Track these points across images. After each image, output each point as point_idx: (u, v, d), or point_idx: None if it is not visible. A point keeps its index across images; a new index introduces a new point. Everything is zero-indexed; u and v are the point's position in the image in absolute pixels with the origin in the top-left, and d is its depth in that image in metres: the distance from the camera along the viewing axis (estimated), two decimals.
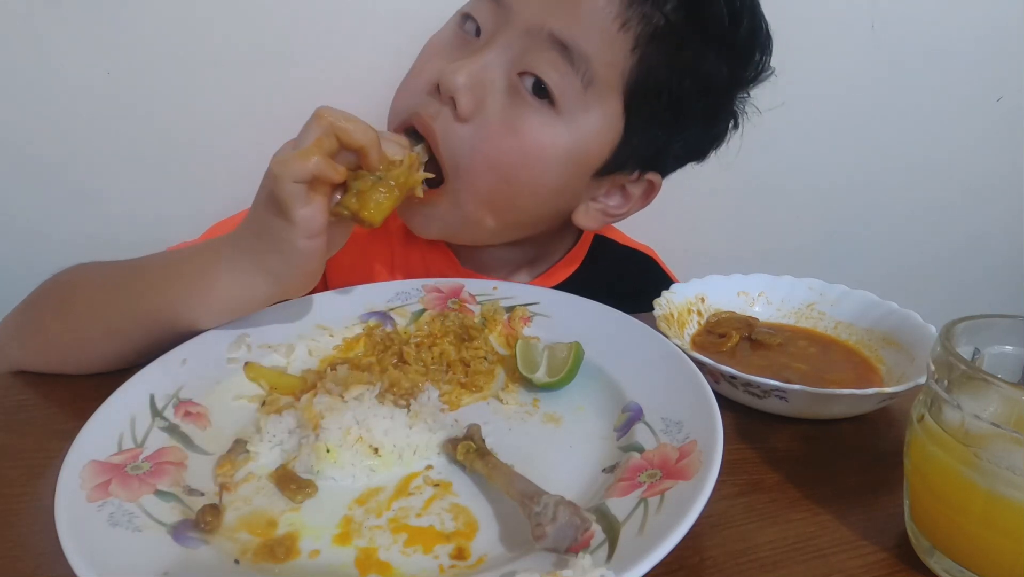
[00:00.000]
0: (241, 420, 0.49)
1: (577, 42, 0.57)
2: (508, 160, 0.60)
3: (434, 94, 0.60)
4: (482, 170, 0.61)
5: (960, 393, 0.35)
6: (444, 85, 0.58)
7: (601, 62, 0.58)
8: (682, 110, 0.63)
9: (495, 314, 0.61)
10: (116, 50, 0.83)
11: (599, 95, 0.60)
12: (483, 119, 0.59)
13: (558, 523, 0.35)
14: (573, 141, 0.61)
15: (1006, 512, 0.33)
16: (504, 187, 0.62)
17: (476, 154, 0.60)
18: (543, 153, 0.61)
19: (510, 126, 0.60)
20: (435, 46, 0.64)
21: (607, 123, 0.62)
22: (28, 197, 0.88)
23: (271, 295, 0.53)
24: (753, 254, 1.14)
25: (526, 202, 0.65)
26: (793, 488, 0.45)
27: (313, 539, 0.39)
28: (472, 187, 0.62)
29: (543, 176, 0.62)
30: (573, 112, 0.60)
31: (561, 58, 0.58)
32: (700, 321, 0.65)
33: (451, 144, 0.60)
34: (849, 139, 1.11)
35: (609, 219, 0.71)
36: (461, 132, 0.60)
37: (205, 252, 0.55)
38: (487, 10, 0.61)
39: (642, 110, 0.62)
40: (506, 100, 0.59)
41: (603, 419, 0.49)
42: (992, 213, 1.23)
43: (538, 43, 0.58)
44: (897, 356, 0.58)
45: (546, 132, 0.60)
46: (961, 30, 1.06)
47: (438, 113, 0.60)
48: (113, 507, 0.38)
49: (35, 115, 0.84)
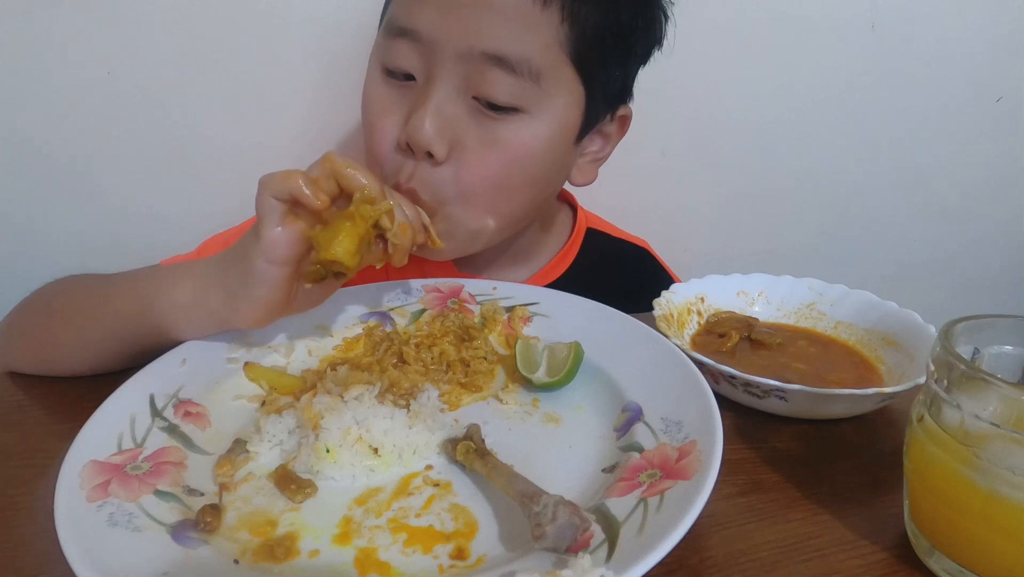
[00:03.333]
0: (241, 420, 0.49)
1: (511, 48, 0.57)
2: (498, 172, 0.61)
3: (403, 151, 0.60)
4: (473, 189, 0.61)
5: (960, 393, 0.35)
6: (415, 142, 0.58)
7: (539, 51, 0.58)
8: (626, 38, 0.63)
9: (495, 314, 0.61)
10: (116, 50, 0.83)
11: (552, 78, 0.60)
12: (461, 151, 0.59)
13: (558, 523, 0.35)
14: (549, 128, 0.62)
15: (1006, 512, 0.33)
16: (503, 194, 0.63)
17: (462, 179, 0.60)
18: (528, 152, 0.61)
19: (488, 143, 0.60)
20: (375, 105, 0.63)
21: (571, 95, 0.62)
22: (28, 197, 0.88)
23: (221, 314, 0.51)
24: (753, 254, 1.14)
25: (526, 196, 0.66)
26: (793, 488, 0.45)
27: (313, 539, 0.39)
28: (467, 203, 0.62)
29: (535, 169, 0.63)
30: (537, 106, 0.60)
31: (502, 71, 0.57)
32: (700, 321, 0.65)
33: (431, 186, 0.60)
34: (849, 139, 1.11)
35: (599, 163, 0.72)
36: (443, 173, 0.60)
37: (183, 263, 0.55)
38: (409, 52, 0.59)
39: (594, 64, 0.62)
40: (474, 123, 0.59)
41: (603, 419, 0.49)
42: (992, 213, 1.23)
43: (475, 65, 0.57)
44: (897, 356, 0.58)
45: (523, 133, 0.60)
46: (961, 30, 1.06)
47: (414, 170, 0.60)
48: (113, 507, 0.38)
49: (35, 115, 0.84)
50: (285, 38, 0.87)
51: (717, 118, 1.05)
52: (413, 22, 0.58)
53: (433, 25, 0.57)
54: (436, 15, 0.57)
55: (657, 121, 1.01)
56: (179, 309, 0.52)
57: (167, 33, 0.83)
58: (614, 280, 0.79)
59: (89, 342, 0.55)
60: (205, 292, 0.51)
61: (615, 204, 0.95)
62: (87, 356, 0.56)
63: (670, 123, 1.03)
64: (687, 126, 1.04)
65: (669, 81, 0.99)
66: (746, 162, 1.10)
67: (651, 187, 1.07)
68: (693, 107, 1.03)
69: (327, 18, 0.86)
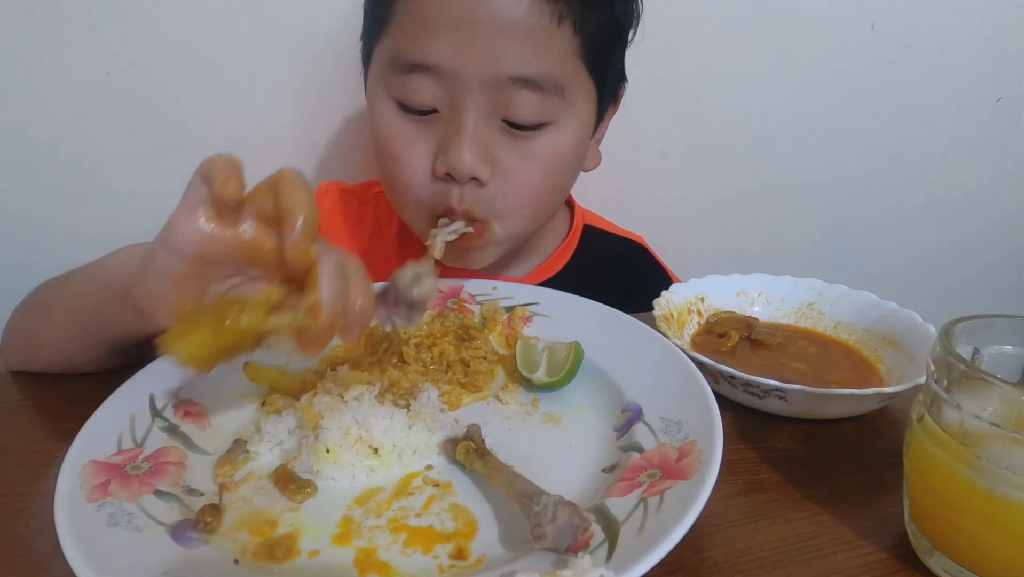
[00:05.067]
0: (241, 420, 0.49)
1: (535, 69, 0.58)
2: (539, 182, 0.64)
3: (441, 180, 0.61)
4: (524, 202, 0.64)
5: (960, 393, 0.35)
6: (460, 174, 0.59)
7: (559, 65, 0.59)
8: (621, 30, 0.65)
9: (495, 314, 0.61)
10: (116, 50, 0.83)
11: (573, 87, 0.61)
12: (502, 169, 0.61)
13: (558, 523, 0.35)
14: (576, 132, 0.64)
15: (1006, 512, 0.33)
16: (546, 199, 0.67)
17: (512, 195, 0.62)
18: (563, 159, 0.64)
19: (527, 158, 0.62)
20: (397, 139, 0.62)
21: (588, 97, 0.64)
22: (28, 197, 0.88)
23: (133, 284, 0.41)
24: (753, 254, 1.14)
25: (561, 195, 0.71)
26: (793, 488, 0.45)
27: (313, 539, 0.39)
28: (522, 216, 0.65)
29: (567, 172, 0.67)
30: (563, 116, 0.62)
31: (529, 91, 0.58)
32: (700, 321, 0.65)
33: (485, 204, 0.62)
34: (849, 139, 1.11)
35: (599, 143, 0.75)
36: (491, 192, 0.62)
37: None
38: (429, 85, 0.59)
39: (603, 61, 0.64)
40: (510, 143, 0.61)
41: (603, 419, 0.49)
42: (992, 213, 1.23)
43: (501, 90, 0.58)
44: (897, 356, 0.58)
45: (556, 144, 0.62)
46: (961, 30, 1.06)
47: (463, 195, 0.61)
48: (113, 507, 0.38)
49: (35, 115, 0.84)
50: (286, 38, 0.87)
51: (717, 117, 1.05)
52: (430, 56, 0.57)
53: (454, 58, 0.57)
54: (454, 47, 0.57)
55: (657, 120, 1.01)
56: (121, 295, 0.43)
57: (167, 33, 0.83)
58: (611, 276, 0.81)
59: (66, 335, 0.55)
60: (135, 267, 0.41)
61: (615, 202, 0.95)
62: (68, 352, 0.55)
63: (670, 122, 1.03)
64: (687, 125, 1.04)
65: (669, 80, 0.99)
66: (746, 161, 1.10)
67: (651, 186, 1.07)
68: (693, 106, 1.03)
69: (331, 17, 0.86)
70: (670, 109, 1.01)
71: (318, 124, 0.91)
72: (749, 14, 0.98)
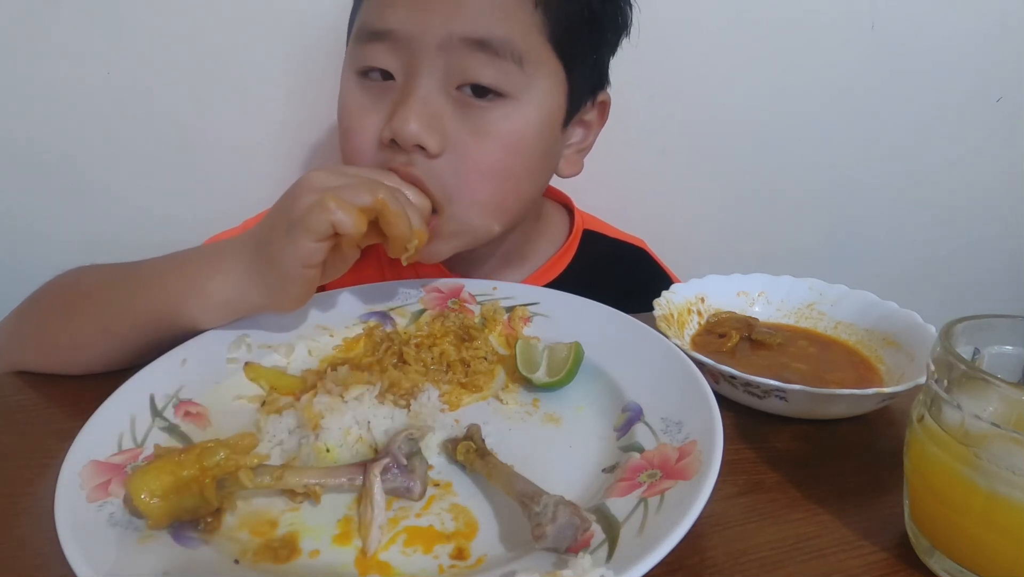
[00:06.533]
0: (241, 420, 0.49)
1: (490, 31, 0.57)
2: (495, 162, 0.61)
3: (387, 147, 0.60)
4: (478, 183, 0.61)
5: (960, 393, 0.35)
6: (402, 139, 0.57)
7: (520, 35, 0.58)
8: (597, 24, 0.64)
9: (495, 314, 0.61)
10: (116, 50, 0.83)
11: (534, 61, 0.60)
12: (453, 144, 0.59)
13: (558, 523, 0.35)
14: (538, 112, 0.62)
15: (1006, 512, 0.33)
16: (503, 185, 0.63)
17: (464, 174, 0.60)
18: (521, 139, 0.62)
19: (480, 133, 0.60)
20: (352, 108, 0.63)
21: (554, 80, 0.63)
22: (28, 197, 0.88)
23: (263, 305, 0.54)
24: (753, 254, 1.14)
25: (526, 188, 0.66)
26: (793, 488, 0.45)
27: (313, 539, 0.39)
28: (474, 200, 0.62)
29: (531, 158, 0.64)
30: (523, 91, 0.60)
31: (485, 54, 0.57)
32: (700, 321, 0.65)
33: (436, 179, 0.59)
34: (849, 139, 1.12)
35: (583, 153, 0.73)
36: (441, 165, 0.59)
37: (206, 253, 0.55)
38: (385, 52, 0.59)
39: (572, 47, 0.63)
40: (462, 115, 0.59)
41: (603, 419, 0.49)
42: (992, 213, 1.23)
43: (457, 52, 0.57)
44: (897, 356, 0.58)
45: (512, 120, 0.61)
46: (961, 30, 1.06)
47: (409, 160, 0.59)
48: (113, 507, 0.38)
49: (35, 115, 0.84)
50: (286, 38, 0.87)
51: (717, 118, 1.05)
52: (387, 23, 0.58)
53: (409, 22, 0.57)
54: (410, 12, 0.57)
55: (657, 121, 1.01)
56: (214, 304, 0.53)
57: (167, 33, 0.83)
58: (612, 281, 0.79)
59: (115, 336, 0.55)
60: (244, 291, 0.53)
61: (615, 204, 0.95)
62: (108, 350, 0.55)
63: (670, 123, 1.03)
64: (687, 126, 1.04)
65: (670, 81, 0.99)
66: (746, 162, 1.10)
67: (651, 187, 1.08)
68: (693, 107, 1.03)
69: (331, 17, 0.86)
70: (670, 110, 1.01)
71: (321, 124, 0.91)
72: (749, 15, 0.98)
